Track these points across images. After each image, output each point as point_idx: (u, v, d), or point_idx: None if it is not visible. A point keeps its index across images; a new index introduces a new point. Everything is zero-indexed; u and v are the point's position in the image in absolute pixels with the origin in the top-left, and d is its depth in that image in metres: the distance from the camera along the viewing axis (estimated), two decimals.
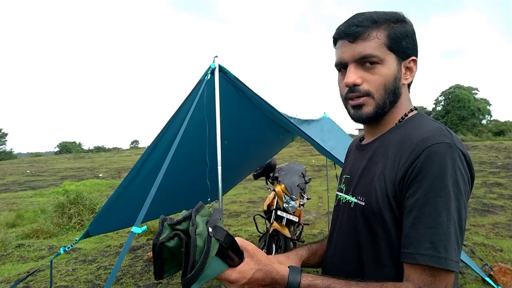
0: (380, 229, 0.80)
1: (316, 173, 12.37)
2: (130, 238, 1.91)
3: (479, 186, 9.43)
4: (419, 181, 0.74)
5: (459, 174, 0.74)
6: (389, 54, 0.84)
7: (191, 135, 2.48)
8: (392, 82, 0.85)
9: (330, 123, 4.97)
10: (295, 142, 18.64)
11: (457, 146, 0.75)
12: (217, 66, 2.51)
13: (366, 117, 0.86)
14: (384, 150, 0.85)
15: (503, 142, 18.87)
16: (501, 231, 5.63)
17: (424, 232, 0.72)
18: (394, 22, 0.85)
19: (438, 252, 0.71)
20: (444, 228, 0.71)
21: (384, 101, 0.85)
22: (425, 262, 0.71)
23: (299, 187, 4.26)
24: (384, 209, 0.79)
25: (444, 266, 0.70)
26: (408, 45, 0.86)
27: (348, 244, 0.89)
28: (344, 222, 0.91)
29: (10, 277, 4.36)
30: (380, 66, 0.83)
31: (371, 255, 0.83)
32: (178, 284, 3.95)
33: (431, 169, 0.73)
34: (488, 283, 3.50)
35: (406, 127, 0.86)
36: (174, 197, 3.62)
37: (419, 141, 0.77)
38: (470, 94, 35.94)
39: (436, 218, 0.72)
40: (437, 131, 0.78)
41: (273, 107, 2.89)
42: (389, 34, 0.84)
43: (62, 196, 8.77)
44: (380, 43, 0.83)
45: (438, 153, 0.73)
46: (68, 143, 44.31)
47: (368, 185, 0.84)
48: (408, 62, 0.87)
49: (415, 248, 0.73)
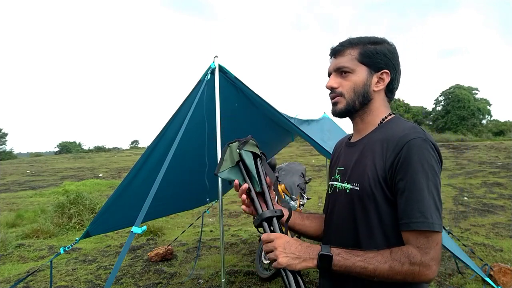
0: (372, 207, 1.03)
1: (316, 173, 12.37)
2: (130, 238, 1.91)
3: (479, 186, 9.42)
4: (405, 168, 0.97)
5: (433, 159, 0.98)
6: (360, 66, 1.11)
7: (191, 135, 2.47)
8: (361, 87, 1.11)
9: (330, 123, 4.97)
10: (295, 142, 18.62)
11: (429, 139, 0.99)
12: (217, 66, 2.51)
13: (339, 112, 1.14)
14: (371, 146, 1.08)
15: (503, 142, 18.85)
16: (501, 231, 5.63)
17: (413, 205, 0.95)
18: (369, 44, 1.11)
19: (427, 219, 0.94)
20: (427, 201, 0.95)
21: (353, 100, 1.12)
22: (418, 227, 0.94)
23: (299, 187, 4.26)
24: (376, 191, 1.02)
25: (432, 228, 0.93)
26: (379, 60, 1.10)
27: (346, 221, 1.10)
28: (342, 204, 1.12)
29: (10, 277, 4.36)
30: (351, 75, 1.11)
31: (365, 227, 1.05)
32: (178, 284, 3.95)
33: (412, 158, 0.96)
34: (488, 283, 3.49)
35: (386, 127, 1.10)
36: (174, 197, 3.62)
37: (400, 137, 1.00)
38: (470, 94, 35.89)
39: (421, 194, 0.95)
40: (413, 129, 1.02)
41: (273, 107, 2.89)
42: (360, 52, 1.11)
43: (62, 196, 8.77)
44: (352, 58, 1.11)
45: (416, 145, 0.97)
46: (68, 143, 44.23)
47: (361, 174, 1.06)
48: (380, 74, 1.11)
49: (409, 218, 0.95)
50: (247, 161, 1.14)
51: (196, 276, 4.17)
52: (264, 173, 1.14)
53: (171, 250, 4.90)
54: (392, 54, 1.12)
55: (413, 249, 0.95)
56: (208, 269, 4.33)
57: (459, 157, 14.12)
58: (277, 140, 4.65)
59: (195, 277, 4.13)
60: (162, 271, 4.31)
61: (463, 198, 8.05)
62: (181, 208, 4.85)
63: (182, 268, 4.47)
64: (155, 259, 4.69)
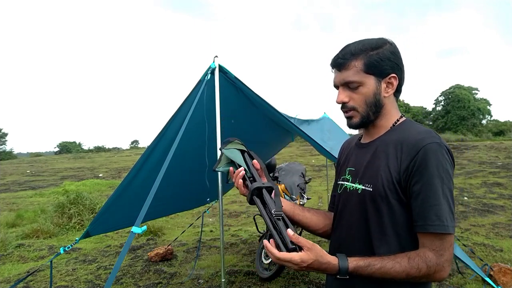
0: (385, 208, 1.04)
1: (316, 173, 12.37)
2: (130, 238, 1.91)
3: (479, 186, 9.42)
4: (421, 172, 0.98)
5: (448, 164, 1.00)
6: (367, 77, 1.08)
7: (191, 135, 2.47)
8: (372, 97, 1.10)
9: (330, 123, 4.97)
10: (295, 142, 18.62)
11: (444, 144, 1.01)
12: (217, 66, 2.50)
13: (355, 125, 1.15)
14: (385, 148, 1.08)
15: (503, 142, 18.84)
16: (501, 231, 5.63)
17: (430, 209, 0.97)
18: (371, 50, 1.08)
19: (442, 222, 0.96)
20: (443, 205, 0.97)
21: (367, 113, 1.11)
22: (434, 230, 0.97)
23: (299, 187, 4.26)
24: (389, 192, 1.03)
25: (447, 231, 0.96)
26: (385, 66, 1.08)
27: (358, 221, 1.11)
28: (353, 204, 1.13)
29: (10, 277, 4.36)
30: (361, 87, 1.09)
31: (377, 227, 1.06)
32: (178, 284, 3.95)
33: (429, 163, 0.98)
34: (488, 283, 3.50)
35: (400, 130, 1.10)
36: (174, 197, 3.62)
37: (416, 140, 1.01)
38: (470, 94, 35.88)
39: (437, 197, 0.97)
40: (428, 133, 1.03)
41: (273, 107, 2.89)
42: (365, 62, 1.08)
43: (62, 196, 8.77)
44: (357, 70, 1.08)
45: (432, 150, 0.99)
46: (68, 143, 44.21)
47: (374, 175, 1.07)
48: (388, 79, 1.10)
49: (425, 221, 0.97)
50: (231, 157, 1.24)
51: (196, 276, 4.17)
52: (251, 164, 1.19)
53: (171, 250, 4.89)
54: (395, 55, 1.11)
55: (429, 253, 0.97)
56: (208, 269, 4.33)
57: (459, 157, 14.11)
58: (277, 140, 4.65)
59: (195, 277, 4.13)
60: (162, 271, 4.31)
61: (463, 198, 8.05)
62: (181, 208, 4.85)
63: (182, 268, 4.47)
64: (155, 259, 4.69)
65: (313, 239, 5.47)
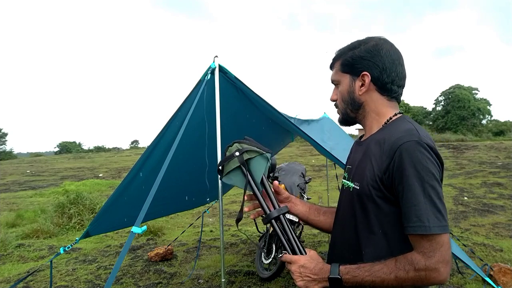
0: (371, 206, 1.05)
1: (316, 173, 12.37)
2: (130, 238, 1.91)
3: (479, 186, 9.42)
4: (400, 173, 0.97)
5: (428, 161, 0.97)
6: (343, 76, 1.17)
7: (191, 135, 2.47)
8: (347, 95, 1.17)
9: (330, 123, 4.96)
10: (295, 142, 18.63)
11: (423, 141, 0.98)
12: (217, 66, 2.50)
13: (340, 122, 1.25)
14: (373, 146, 1.09)
15: (503, 142, 18.85)
16: (501, 231, 5.63)
17: (410, 210, 0.96)
18: (349, 50, 1.15)
19: (423, 223, 0.94)
20: (422, 204, 0.94)
21: (344, 109, 1.19)
22: (414, 232, 0.95)
23: (299, 187, 4.26)
24: (373, 190, 1.03)
25: (428, 232, 0.93)
26: (357, 65, 1.13)
27: (348, 218, 1.13)
28: (346, 202, 1.17)
29: (10, 277, 4.36)
30: (340, 86, 1.19)
31: (364, 226, 1.07)
32: (178, 284, 3.95)
33: (405, 162, 0.97)
34: (488, 283, 3.50)
35: (388, 128, 1.10)
36: (174, 197, 3.62)
37: (394, 141, 1.01)
38: (470, 94, 35.89)
39: (417, 198, 0.95)
40: (408, 131, 1.02)
41: (273, 107, 2.89)
42: (341, 62, 1.16)
43: (62, 196, 8.77)
44: (337, 70, 1.19)
45: (409, 149, 0.97)
46: (68, 143, 44.22)
47: (362, 173, 1.09)
48: (361, 77, 1.13)
49: (408, 222, 0.97)
50: (232, 183, 1.25)
51: (196, 276, 4.17)
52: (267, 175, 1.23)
53: (171, 250, 4.89)
54: (371, 53, 1.11)
55: (417, 255, 0.96)
56: (208, 269, 4.33)
57: (459, 157, 14.12)
58: (277, 140, 4.64)
59: (195, 277, 4.13)
60: (162, 271, 4.31)
61: (463, 198, 8.05)
62: (181, 208, 4.85)
63: (182, 268, 4.47)
64: (155, 259, 4.69)
65: (313, 240, 5.46)
